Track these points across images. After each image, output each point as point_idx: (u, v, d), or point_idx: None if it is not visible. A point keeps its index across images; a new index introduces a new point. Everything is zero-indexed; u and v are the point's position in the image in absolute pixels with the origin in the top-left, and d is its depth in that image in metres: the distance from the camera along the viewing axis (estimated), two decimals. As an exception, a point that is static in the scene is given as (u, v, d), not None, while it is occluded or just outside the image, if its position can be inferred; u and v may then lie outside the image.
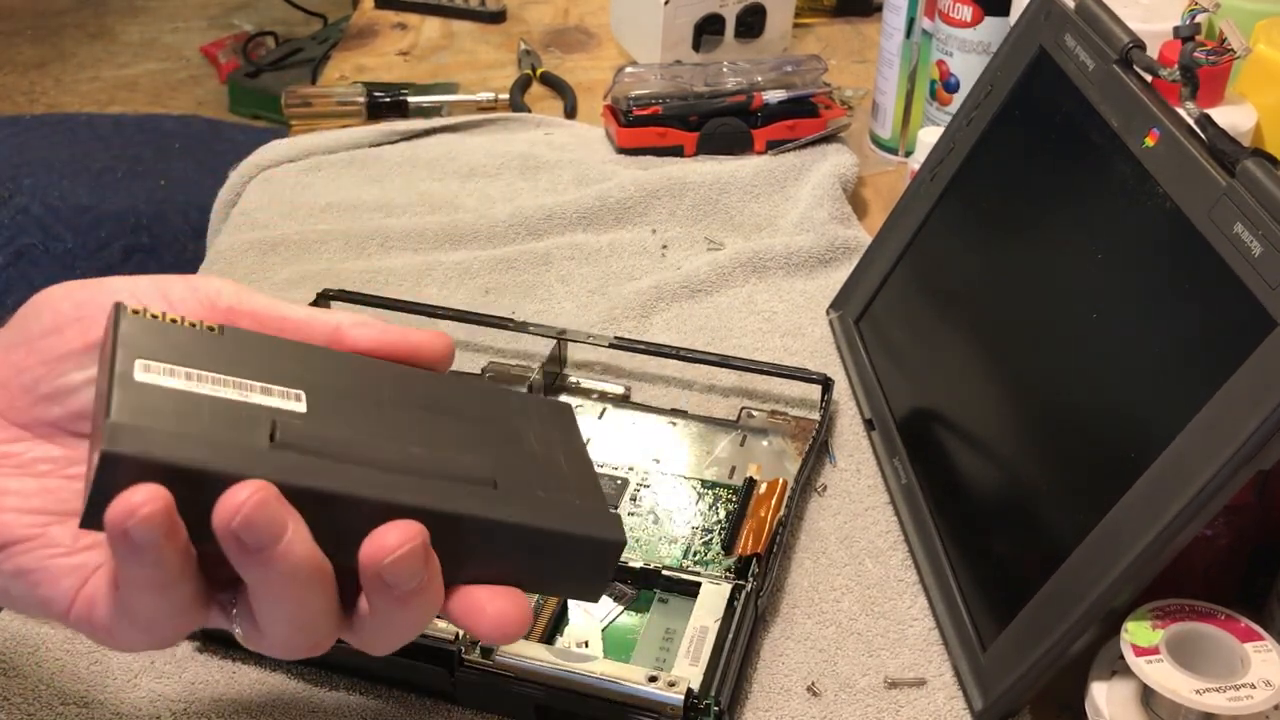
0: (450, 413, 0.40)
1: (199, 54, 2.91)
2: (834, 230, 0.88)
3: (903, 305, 0.74)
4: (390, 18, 1.27)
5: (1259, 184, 0.48)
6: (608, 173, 0.95)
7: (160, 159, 2.45)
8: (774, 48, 1.11)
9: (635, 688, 0.53)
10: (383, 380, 0.40)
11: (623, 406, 0.74)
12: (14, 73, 2.85)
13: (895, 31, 0.97)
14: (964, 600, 0.58)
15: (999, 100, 0.69)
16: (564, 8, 1.29)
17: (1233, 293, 0.48)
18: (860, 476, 0.69)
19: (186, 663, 0.58)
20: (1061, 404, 0.58)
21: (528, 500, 0.38)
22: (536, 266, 0.86)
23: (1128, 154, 0.57)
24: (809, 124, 0.97)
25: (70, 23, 3.06)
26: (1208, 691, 0.48)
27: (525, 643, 0.56)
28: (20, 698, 0.56)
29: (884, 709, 0.56)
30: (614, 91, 0.99)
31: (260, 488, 0.33)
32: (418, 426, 0.39)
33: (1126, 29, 0.60)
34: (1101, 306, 0.57)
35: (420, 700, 0.57)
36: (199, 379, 0.36)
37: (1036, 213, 0.64)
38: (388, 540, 0.35)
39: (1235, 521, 0.56)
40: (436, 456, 0.38)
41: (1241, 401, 0.46)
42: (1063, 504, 0.55)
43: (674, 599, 0.60)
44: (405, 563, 0.35)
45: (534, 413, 0.43)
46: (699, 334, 0.80)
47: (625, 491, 0.67)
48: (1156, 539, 0.48)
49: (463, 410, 0.41)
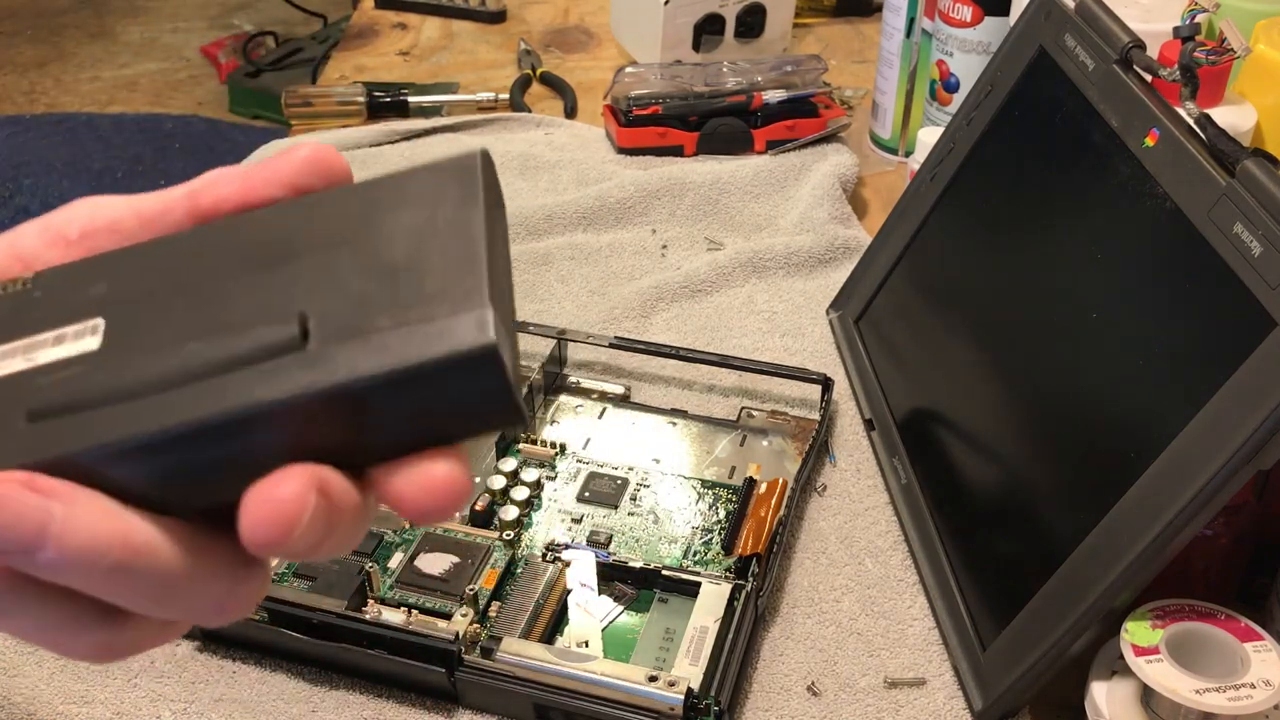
0: (290, 255, 0.31)
1: (199, 54, 2.91)
2: (834, 230, 0.88)
3: (903, 305, 0.74)
4: (390, 18, 1.27)
5: (1259, 184, 0.48)
6: (608, 173, 0.95)
7: (160, 159, 2.46)
8: (774, 48, 1.11)
9: (635, 688, 0.53)
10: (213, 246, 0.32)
11: (623, 406, 0.74)
12: (14, 73, 2.85)
13: (895, 31, 0.97)
14: (964, 600, 0.58)
15: (999, 100, 0.69)
16: (564, 8, 1.29)
17: (1233, 293, 0.48)
18: (860, 476, 0.69)
19: (186, 663, 0.58)
20: (1061, 404, 0.58)
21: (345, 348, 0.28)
22: (536, 266, 0.86)
23: (1128, 154, 0.57)
24: (809, 124, 0.97)
25: (70, 23, 3.06)
26: (1208, 691, 0.48)
27: (525, 643, 0.56)
28: (20, 698, 0.56)
29: (884, 709, 0.56)
30: (614, 91, 0.99)
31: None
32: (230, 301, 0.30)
33: (1126, 29, 0.60)
34: (1101, 306, 0.57)
35: (420, 700, 0.57)
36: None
37: (1036, 213, 0.64)
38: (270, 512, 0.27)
39: (1235, 521, 0.56)
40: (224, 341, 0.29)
41: (1241, 401, 0.46)
42: (1063, 504, 0.55)
43: (674, 599, 0.60)
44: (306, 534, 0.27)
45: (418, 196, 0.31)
46: (699, 334, 0.80)
47: (625, 491, 0.67)
48: (1156, 539, 0.48)
49: (309, 241, 0.31)
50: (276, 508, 0.27)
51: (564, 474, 0.68)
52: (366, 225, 0.31)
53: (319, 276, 0.30)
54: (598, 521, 0.65)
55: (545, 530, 0.64)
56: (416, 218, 0.31)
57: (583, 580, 0.61)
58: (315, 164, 0.33)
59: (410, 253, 0.30)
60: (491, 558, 0.61)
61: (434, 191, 0.31)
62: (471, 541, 0.62)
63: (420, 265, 0.30)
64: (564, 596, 0.60)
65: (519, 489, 0.65)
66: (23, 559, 0.27)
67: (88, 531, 0.27)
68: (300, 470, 0.28)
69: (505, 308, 0.30)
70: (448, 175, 0.31)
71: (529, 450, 0.69)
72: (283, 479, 0.27)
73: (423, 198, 0.31)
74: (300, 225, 0.32)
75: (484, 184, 0.31)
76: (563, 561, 0.61)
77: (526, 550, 0.63)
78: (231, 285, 0.30)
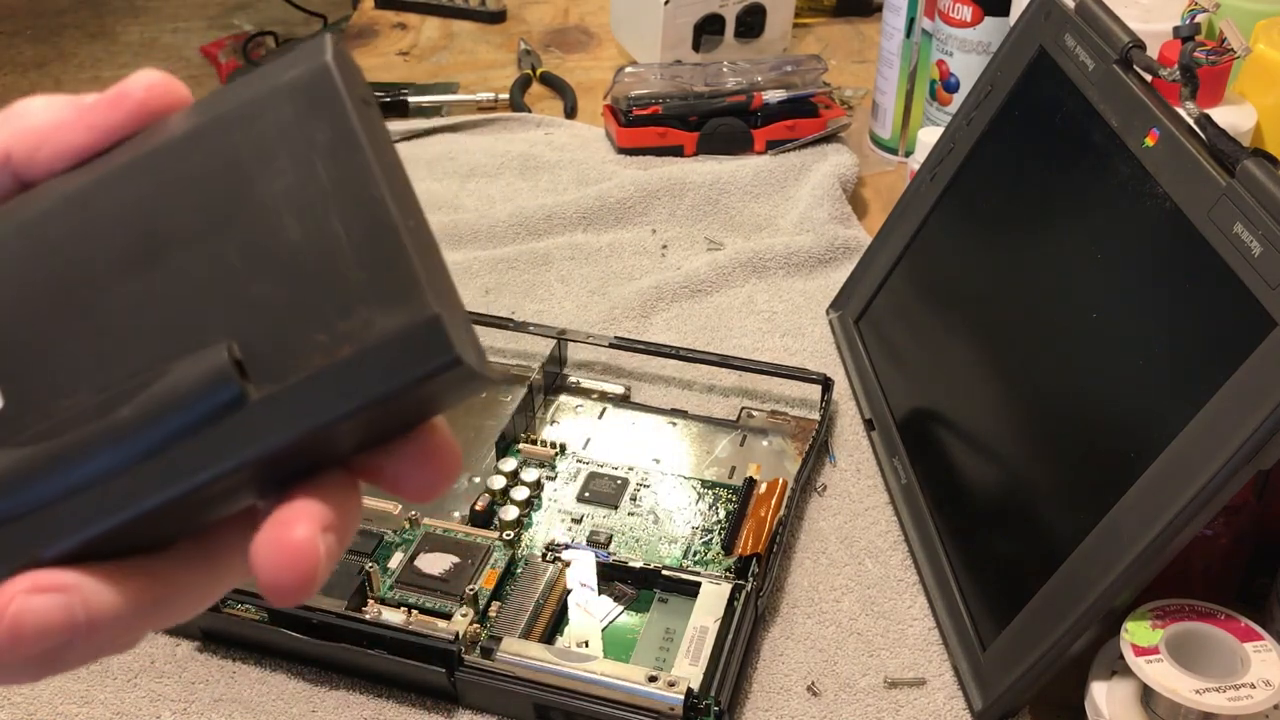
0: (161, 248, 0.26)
1: (199, 54, 2.91)
2: (834, 230, 0.88)
3: (903, 305, 0.74)
4: (390, 18, 1.27)
5: (1259, 184, 0.48)
6: (608, 173, 0.95)
7: (160, 159, 2.45)
8: (774, 48, 1.11)
9: (635, 688, 0.53)
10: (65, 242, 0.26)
11: (623, 406, 0.74)
12: (14, 73, 2.85)
13: (895, 31, 0.97)
14: (964, 600, 0.58)
15: (999, 100, 0.69)
16: (564, 8, 1.29)
17: (1233, 293, 0.48)
18: (860, 476, 0.69)
19: (186, 663, 0.58)
20: (1061, 404, 0.58)
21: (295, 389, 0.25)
22: (536, 266, 0.86)
23: (1128, 154, 0.57)
24: (809, 124, 0.97)
25: (70, 23, 3.06)
26: (1207, 691, 0.48)
27: (525, 642, 0.56)
28: (20, 697, 0.56)
29: (884, 709, 0.56)
30: (614, 91, 0.99)
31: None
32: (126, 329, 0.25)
33: (1126, 29, 0.60)
34: (1101, 306, 0.57)
35: (420, 700, 0.57)
36: None
37: (1036, 213, 0.64)
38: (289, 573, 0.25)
39: (1235, 521, 0.56)
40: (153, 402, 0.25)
41: (1241, 401, 0.46)
42: (1063, 504, 0.55)
43: (674, 599, 0.60)
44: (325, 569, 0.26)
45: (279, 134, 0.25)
46: (699, 334, 0.80)
47: (625, 491, 0.67)
48: (1156, 539, 0.48)
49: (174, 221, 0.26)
50: (293, 556, 0.25)
51: (564, 474, 0.68)
52: (237, 190, 0.25)
53: (215, 280, 0.25)
54: (598, 521, 0.65)
55: (545, 530, 0.64)
56: (291, 170, 0.25)
57: (583, 580, 0.61)
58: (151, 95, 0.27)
59: (305, 225, 0.25)
60: (491, 558, 0.61)
61: (297, 123, 0.25)
62: (471, 541, 0.62)
63: (324, 243, 0.25)
64: (564, 596, 0.60)
65: (519, 489, 0.65)
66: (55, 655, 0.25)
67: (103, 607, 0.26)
68: (305, 510, 0.26)
69: (436, 272, 0.26)
70: (303, 93, 0.25)
71: (529, 450, 0.69)
72: (290, 523, 0.25)
73: (287, 135, 0.25)
74: (157, 196, 0.26)
75: (349, 95, 0.25)
76: (563, 561, 0.61)
77: (526, 550, 0.63)
78: (115, 303, 0.25)
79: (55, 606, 0.25)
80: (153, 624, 0.27)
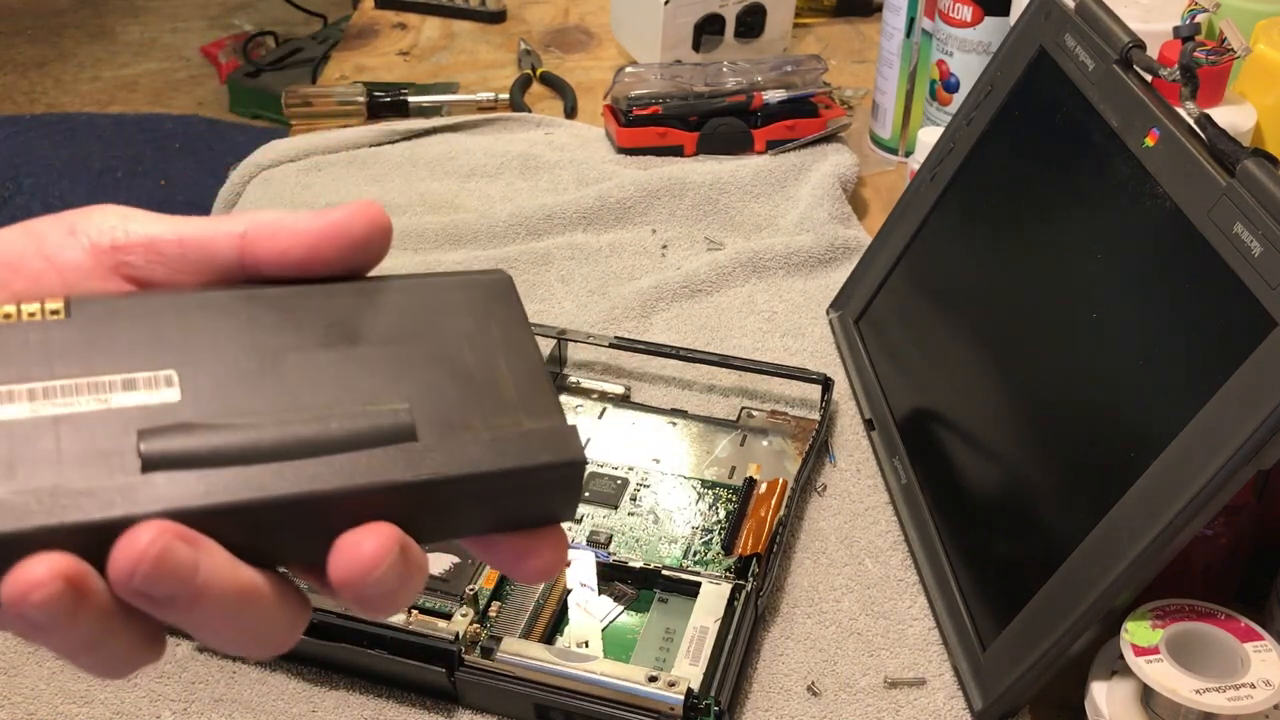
0: (359, 340, 0.33)
1: (199, 54, 2.91)
2: (834, 230, 0.88)
3: (903, 305, 0.74)
4: (390, 18, 1.27)
5: (1259, 184, 0.48)
6: (608, 173, 0.95)
7: (160, 159, 2.46)
8: (774, 48, 1.11)
9: (635, 687, 0.53)
10: (273, 318, 0.33)
11: (623, 406, 0.74)
12: (14, 73, 2.85)
13: (895, 31, 0.97)
14: (964, 600, 0.58)
15: (999, 100, 0.69)
16: (564, 8, 1.29)
17: (1233, 293, 0.48)
18: (860, 476, 0.69)
19: (186, 663, 0.58)
20: (1061, 404, 0.58)
21: (457, 443, 0.31)
22: (536, 266, 0.86)
23: (1128, 154, 0.57)
24: (809, 124, 0.97)
25: (70, 23, 3.06)
26: (1208, 691, 0.48)
27: (525, 642, 0.56)
28: (20, 697, 0.56)
29: (884, 709, 0.56)
30: (614, 91, 0.99)
31: (156, 535, 0.27)
32: (317, 377, 0.32)
33: (1126, 29, 0.60)
34: (1101, 306, 0.57)
35: (420, 700, 0.57)
36: (43, 394, 0.29)
37: (1036, 213, 0.64)
38: (362, 554, 0.30)
39: (1235, 521, 0.56)
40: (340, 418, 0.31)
41: (1241, 401, 0.46)
42: (1063, 504, 0.55)
43: (674, 599, 0.60)
44: (383, 579, 0.30)
45: (464, 305, 0.35)
46: (699, 334, 0.80)
47: (625, 491, 0.67)
48: (1156, 539, 0.48)
49: (374, 329, 0.34)
50: (363, 554, 0.29)
51: (564, 474, 0.68)
52: (427, 325, 0.34)
53: (398, 368, 0.33)
54: (598, 521, 0.65)
55: (545, 530, 0.64)
56: (470, 326, 0.34)
57: (583, 580, 0.61)
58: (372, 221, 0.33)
59: (477, 356, 0.34)
60: (491, 558, 0.61)
61: (480, 305, 0.35)
62: (471, 541, 0.62)
63: (489, 371, 0.34)
64: (564, 596, 0.60)
65: (519, 489, 0.65)
66: (167, 607, 0.28)
67: (225, 579, 0.29)
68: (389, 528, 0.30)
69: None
70: (484, 291, 0.36)
71: (529, 450, 0.69)
72: (372, 531, 0.30)
73: (470, 308, 0.35)
74: (359, 310, 0.34)
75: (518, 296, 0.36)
76: (563, 561, 0.61)
77: (526, 550, 0.63)
78: (309, 361, 0.32)
79: (189, 559, 0.28)
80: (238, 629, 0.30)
